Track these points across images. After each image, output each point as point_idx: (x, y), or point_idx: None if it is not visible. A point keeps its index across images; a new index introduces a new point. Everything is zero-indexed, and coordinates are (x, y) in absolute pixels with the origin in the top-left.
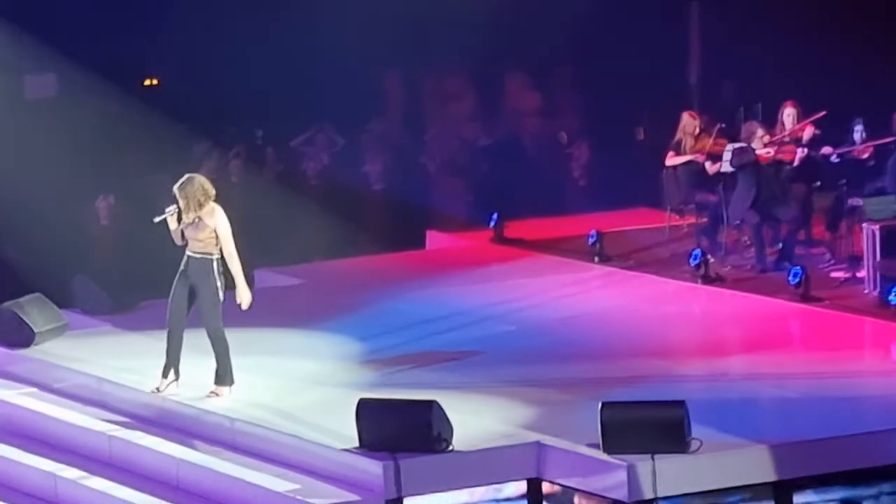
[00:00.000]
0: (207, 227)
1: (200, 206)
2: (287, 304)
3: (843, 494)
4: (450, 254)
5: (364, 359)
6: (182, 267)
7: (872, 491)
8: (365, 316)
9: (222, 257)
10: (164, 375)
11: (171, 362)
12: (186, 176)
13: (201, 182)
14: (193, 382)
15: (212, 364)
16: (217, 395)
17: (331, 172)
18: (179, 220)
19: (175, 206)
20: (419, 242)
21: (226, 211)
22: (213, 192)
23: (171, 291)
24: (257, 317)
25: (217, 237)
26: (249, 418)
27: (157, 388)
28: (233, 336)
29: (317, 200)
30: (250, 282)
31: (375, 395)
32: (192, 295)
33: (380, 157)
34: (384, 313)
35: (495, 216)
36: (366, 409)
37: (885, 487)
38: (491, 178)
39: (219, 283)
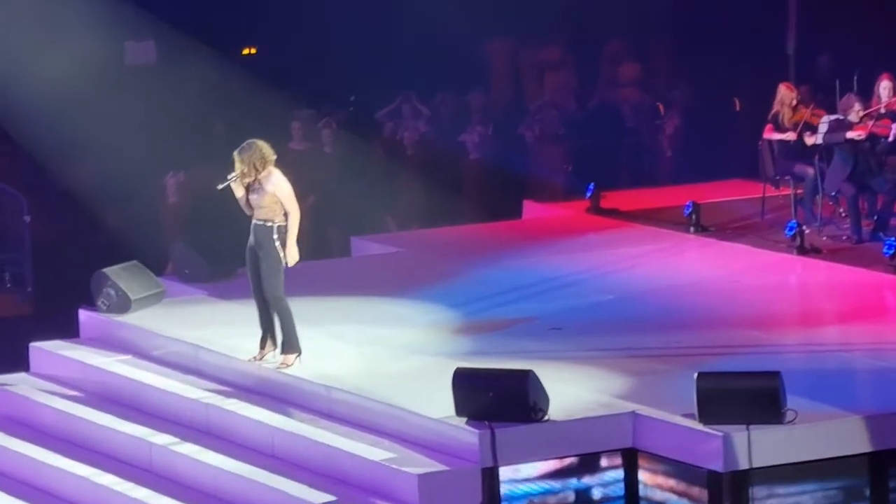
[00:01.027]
0: (266, 192)
1: (258, 170)
2: (383, 272)
3: None
4: (546, 223)
5: (460, 327)
6: (251, 235)
7: None
8: (461, 284)
9: (285, 224)
10: (261, 345)
11: (266, 331)
12: (247, 141)
13: (260, 147)
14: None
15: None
16: (287, 364)
17: (427, 142)
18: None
19: (235, 172)
20: (516, 212)
21: (319, 179)
22: (272, 156)
23: (247, 260)
24: (354, 285)
25: (280, 202)
26: (345, 386)
27: (255, 357)
28: (328, 304)
29: (413, 169)
30: (346, 249)
31: (472, 364)
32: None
33: (477, 126)
34: (480, 282)
35: (592, 186)
36: (462, 378)
37: None
38: (588, 148)
39: (279, 250)
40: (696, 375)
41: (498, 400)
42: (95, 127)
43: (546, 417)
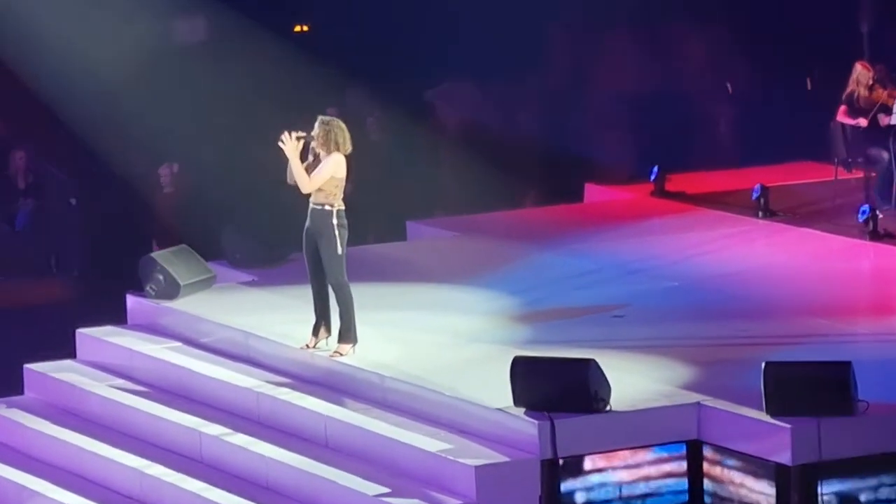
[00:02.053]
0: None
1: (330, 148)
2: (439, 258)
3: None
4: (608, 207)
5: (519, 314)
6: (307, 219)
7: None
8: (520, 270)
9: (344, 208)
10: (315, 332)
11: (321, 318)
12: (336, 119)
13: (344, 130)
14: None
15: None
16: (341, 353)
17: (482, 123)
18: (304, 157)
19: (307, 134)
20: (577, 195)
21: (366, 168)
22: (349, 145)
23: (303, 245)
24: (409, 270)
25: (337, 185)
26: (400, 375)
27: (308, 345)
28: (381, 290)
29: (468, 152)
30: (400, 233)
31: (531, 353)
32: (318, 247)
33: (536, 108)
34: (540, 267)
35: (656, 169)
36: (521, 367)
37: None
38: (652, 130)
39: (337, 235)
40: (763, 365)
41: (558, 389)
42: (144, 108)
43: (608, 408)
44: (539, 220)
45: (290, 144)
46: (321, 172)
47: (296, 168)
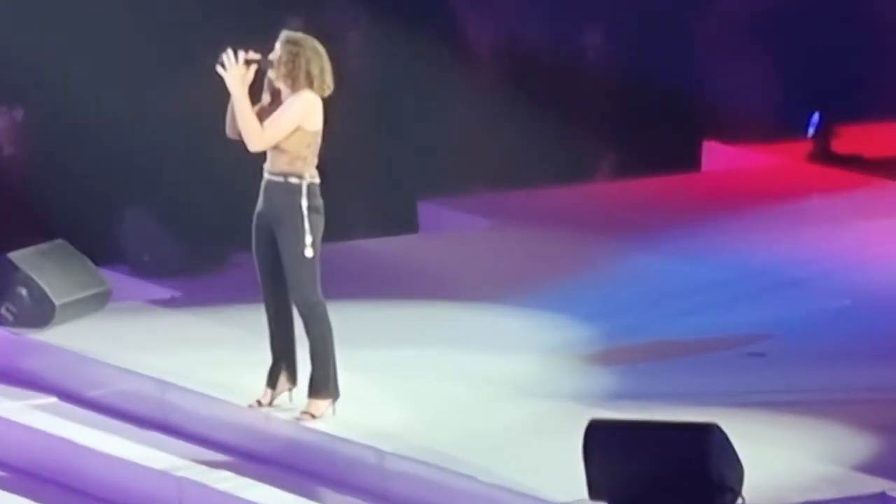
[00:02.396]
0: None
1: (298, 82)
2: (469, 261)
3: None
4: (738, 178)
5: (594, 352)
6: (260, 198)
7: None
8: (599, 281)
9: (318, 182)
10: (271, 382)
11: (281, 359)
12: (306, 35)
13: (322, 52)
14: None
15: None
16: (313, 415)
17: (535, 47)
18: (256, 98)
19: (262, 57)
20: (689, 160)
21: (349, 116)
22: (329, 79)
23: (253, 240)
24: (421, 281)
25: (309, 147)
26: (408, 450)
27: (259, 401)
28: (379, 314)
29: (513, 92)
30: (409, 221)
31: (615, 415)
32: (276, 244)
33: (615, 21)
34: (631, 277)
35: (817, 118)
36: (599, 437)
37: None
38: (810, 56)
39: (307, 224)
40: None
41: (660, 471)
42: None
43: (740, 500)
44: (628, 201)
45: (234, 70)
46: (282, 118)
47: (241, 110)
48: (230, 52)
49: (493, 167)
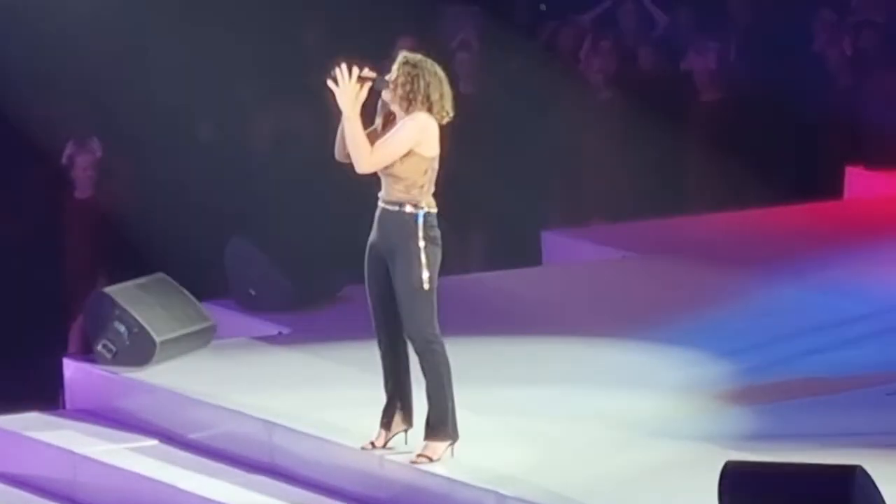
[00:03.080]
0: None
1: (414, 104)
2: (596, 294)
3: None
4: (883, 205)
5: (731, 390)
6: (374, 228)
7: None
8: (736, 314)
9: (435, 212)
10: (385, 423)
11: (396, 398)
12: (424, 58)
13: (442, 76)
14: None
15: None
16: (430, 458)
17: (669, 68)
18: (368, 121)
19: (377, 76)
20: (832, 187)
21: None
22: (448, 104)
23: (365, 272)
24: (545, 316)
25: (426, 173)
26: (533, 495)
27: (373, 443)
28: (503, 350)
29: (648, 117)
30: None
31: (752, 456)
32: (390, 277)
33: (743, 34)
34: (765, 308)
35: None
36: (735, 480)
37: None
38: None
39: (424, 257)
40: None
41: None
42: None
43: None
44: (763, 229)
45: (347, 87)
46: (394, 140)
47: (350, 129)
48: (343, 67)
49: (622, 195)
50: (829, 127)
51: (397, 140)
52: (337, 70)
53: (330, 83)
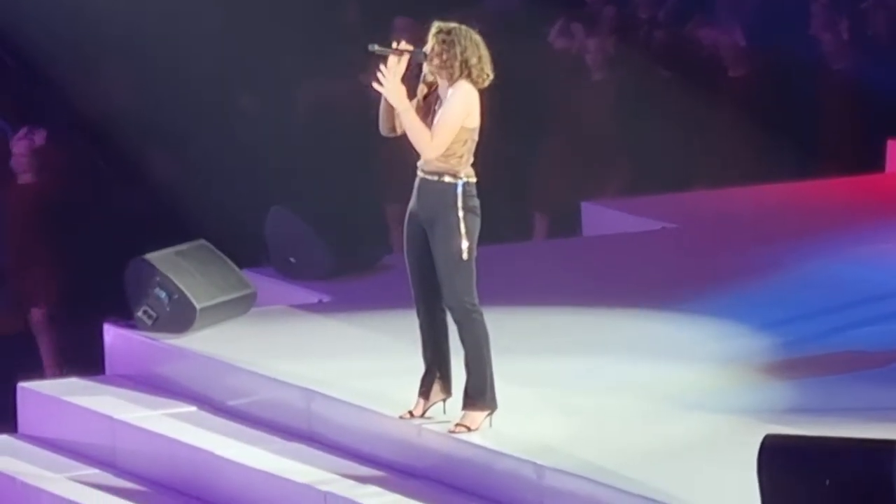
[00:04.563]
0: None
1: (455, 73)
2: (639, 265)
3: None
4: None
5: (771, 363)
6: (413, 198)
7: None
8: (779, 287)
9: (474, 181)
10: (424, 392)
11: (434, 368)
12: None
13: (479, 41)
14: None
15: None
16: (468, 428)
17: (705, 42)
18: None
19: (415, 48)
20: (874, 160)
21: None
22: (488, 68)
23: (405, 242)
24: (584, 287)
25: (465, 143)
26: (570, 466)
27: (411, 413)
28: (542, 321)
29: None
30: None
31: (792, 430)
32: (429, 247)
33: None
34: (808, 281)
35: None
36: (775, 454)
37: None
38: None
39: (464, 227)
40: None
41: (841, 493)
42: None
43: None
44: (807, 201)
45: (390, 84)
46: (448, 120)
47: (407, 123)
48: (376, 46)
49: (663, 163)
50: (872, 101)
51: (451, 118)
52: (378, 73)
53: (375, 85)
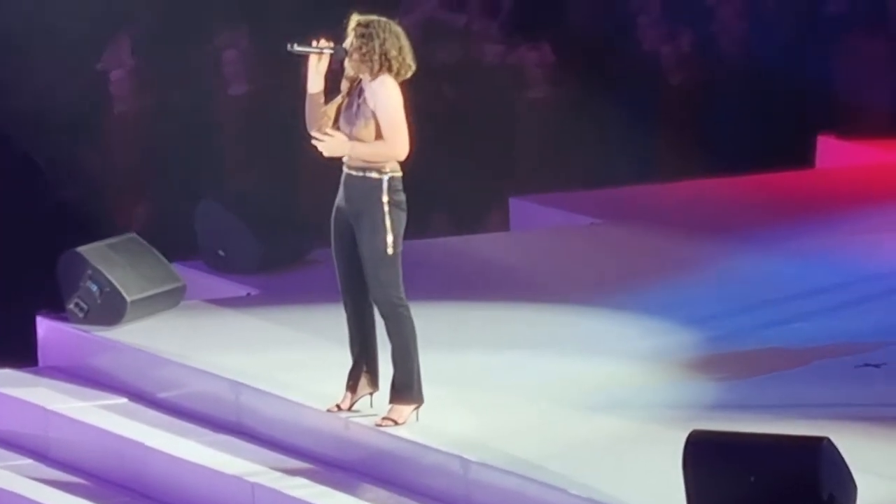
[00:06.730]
0: (369, 111)
1: (375, 66)
2: (563, 261)
3: None
4: (854, 176)
5: (697, 359)
6: (339, 192)
7: None
8: (704, 282)
9: (399, 175)
10: (351, 385)
11: (362, 361)
12: (377, 17)
13: (399, 32)
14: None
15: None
16: (395, 421)
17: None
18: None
19: (335, 45)
20: (802, 156)
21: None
22: (410, 59)
23: (331, 236)
24: (510, 282)
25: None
26: (495, 460)
27: (338, 406)
28: (470, 316)
29: (604, 85)
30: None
31: (717, 426)
32: (356, 241)
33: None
34: (733, 277)
35: None
36: (700, 450)
37: None
38: None
39: (389, 221)
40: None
41: (766, 489)
42: None
43: None
44: (735, 198)
45: (332, 142)
46: (392, 119)
47: (362, 154)
48: (295, 46)
49: (590, 159)
50: (800, 96)
51: (394, 114)
52: (318, 134)
53: (316, 142)
